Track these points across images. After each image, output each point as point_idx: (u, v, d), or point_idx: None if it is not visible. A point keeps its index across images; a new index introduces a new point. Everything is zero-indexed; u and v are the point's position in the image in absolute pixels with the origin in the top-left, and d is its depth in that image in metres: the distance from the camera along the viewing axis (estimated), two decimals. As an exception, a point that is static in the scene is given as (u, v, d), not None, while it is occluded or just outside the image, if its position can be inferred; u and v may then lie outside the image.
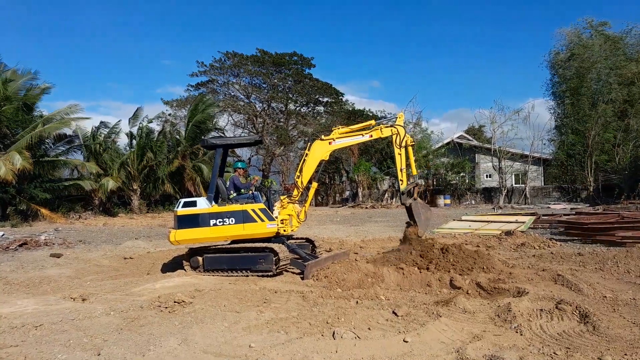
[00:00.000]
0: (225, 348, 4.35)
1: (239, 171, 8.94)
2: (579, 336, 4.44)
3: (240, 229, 8.06)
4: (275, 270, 7.72)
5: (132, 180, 26.61)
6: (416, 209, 8.25)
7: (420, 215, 8.23)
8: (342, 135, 8.64)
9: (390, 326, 4.80)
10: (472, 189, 38.09)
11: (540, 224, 15.82)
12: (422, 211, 8.30)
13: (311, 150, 8.61)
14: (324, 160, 8.69)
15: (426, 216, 8.35)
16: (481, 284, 6.61)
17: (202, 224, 8.09)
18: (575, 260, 8.72)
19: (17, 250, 12.14)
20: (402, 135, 8.33)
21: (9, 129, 22.12)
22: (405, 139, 8.32)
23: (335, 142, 8.62)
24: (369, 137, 8.69)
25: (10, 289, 7.41)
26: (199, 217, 8.13)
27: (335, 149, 8.74)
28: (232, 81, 41.68)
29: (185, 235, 8.14)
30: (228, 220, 8.06)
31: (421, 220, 8.21)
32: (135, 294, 6.78)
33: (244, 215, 8.05)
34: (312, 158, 8.60)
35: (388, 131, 8.47)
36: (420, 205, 8.38)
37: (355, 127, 8.84)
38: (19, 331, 4.90)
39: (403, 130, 8.40)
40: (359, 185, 38.17)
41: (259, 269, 7.80)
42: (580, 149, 34.56)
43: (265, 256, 7.79)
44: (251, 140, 9.93)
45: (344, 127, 8.87)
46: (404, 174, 8.37)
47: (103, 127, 28.07)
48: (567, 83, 37.12)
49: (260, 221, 8.03)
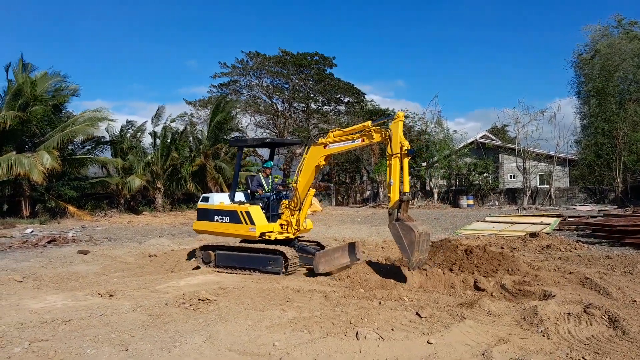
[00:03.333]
0: (249, 346, 4.39)
1: (267, 171, 9.32)
2: (608, 341, 4.34)
3: (231, 228, 8.52)
4: (284, 272, 7.89)
5: (156, 178, 27.03)
6: (396, 234, 6.82)
7: (402, 241, 6.75)
8: (336, 139, 7.83)
9: (414, 327, 4.77)
10: (496, 189, 37.50)
11: (566, 226, 15.50)
12: (403, 234, 6.73)
13: (308, 154, 8.14)
14: (320, 166, 8.15)
15: (410, 240, 6.67)
16: (506, 286, 6.52)
17: (210, 219, 8.84)
18: (604, 263, 8.51)
19: (45, 247, 12.47)
20: (395, 140, 6.97)
21: (39, 129, 22.74)
22: (401, 145, 6.92)
23: (329, 146, 7.88)
24: (361, 142, 7.54)
25: (40, 285, 7.60)
26: (208, 212, 8.92)
27: (330, 153, 8.00)
28: (254, 82, 41.96)
29: (199, 226, 9.10)
30: (224, 219, 8.63)
31: (404, 247, 6.74)
32: (161, 291, 6.90)
33: (234, 216, 8.49)
34: (307, 162, 8.13)
35: (378, 136, 7.26)
36: (401, 227, 6.77)
37: (349, 130, 7.83)
38: (49, 326, 5.03)
39: (397, 133, 6.98)
40: (380, 185, 37.97)
41: (269, 270, 8.02)
42: (608, 149, 33.72)
43: (276, 259, 7.99)
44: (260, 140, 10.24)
45: (339, 130, 7.96)
46: (393, 188, 6.94)
47: (130, 127, 28.61)
48: (592, 82, 36.29)
49: (244, 223, 8.33)
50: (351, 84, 42.99)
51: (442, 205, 34.96)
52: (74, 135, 22.51)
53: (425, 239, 6.91)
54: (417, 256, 6.78)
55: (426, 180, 39.24)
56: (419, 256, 6.81)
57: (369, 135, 7.37)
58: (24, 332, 4.81)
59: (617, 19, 36.66)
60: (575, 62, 38.23)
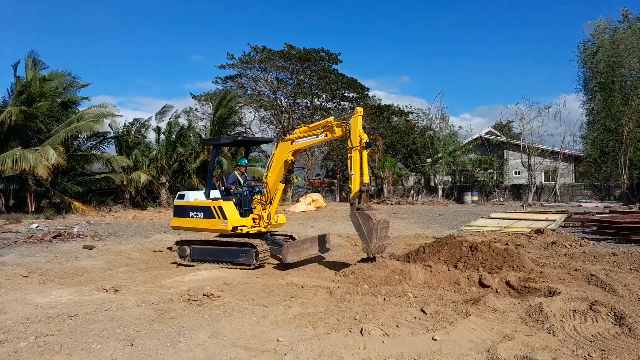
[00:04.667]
0: (254, 342, 4.39)
1: (241, 168, 9.59)
2: (614, 338, 4.32)
3: (205, 223, 8.84)
4: (255, 264, 8.12)
5: (161, 174, 27.09)
6: (355, 223, 7.25)
7: (361, 229, 7.19)
8: (302, 134, 8.21)
9: (419, 324, 4.76)
10: (501, 186, 37.34)
11: (571, 223, 15.45)
12: (362, 222, 7.16)
13: (277, 150, 8.50)
14: (289, 161, 8.47)
15: (369, 228, 7.09)
16: (511, 282, 6.49)
17: (185, 215, 9.18)
18: (609, 260, 8.47)
19: (51, 242, 12.52)
20: (354, 134, 7.36)
21: (44, 125, 22.83)
22: (360, 138, 7.31)
23: (296, 141, 8.27)
24: (324, 137, 7.92)
25: (46, 280, 7.64)
26: (184, 209, 9.30)
27: (297, 149, 8.38)
28: (259, 76, 41.89)
29: (176, 222, 9.46)
30: (199, 214, 8.95)
31: (363, 234, 7.16)
32: (165, 286, 6.93)
33: (208, 211, 8.80)
34: (276, 158, 8.46)
35: (339, 131, 7.66)
36: (360, 216, 7.20)
37: (313, 126, 8.19)
38: (55, 321, 5.06)
39: (356, 128, 7.38)
40: (384, 182, 37.91)
41: (240, 262, 8.29)
42: (613, 146, 33.50)
43: (247, 251, 8.24)
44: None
45: (305, 126, 8.37)
46: (354, 180, 7.34)
47: (136, 123, 28.68)
48: (597, 77, 36.01)
49: (218, 218, 8.64)
50: (355, 80, 42.87)
51: (447, 201, 34.88)
52: (78, 131, 22.61)
53: (383, 226, 7.36)
54: (376, 243, 7.21)
55: (430, 176, 39.15)
56: (377, 243, 7.24)
57: (331, 130, 7.77)
58: (29, 327, 4.84)
59: (624, 13, 36.24)
60: (581, 57, 37.91)
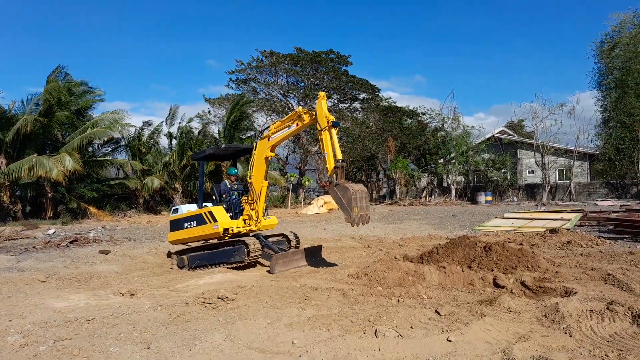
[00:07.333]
0: (268, 344, 4.42)
1: (231, 177, 9.81)
2: (632, 338, 4.26)
3: (199, 230, 9.05)
4: (247, 261, 8.31)
5: (174, 179, 27.31)
6: (335, 197, 7.40)
7: (341, 201, 7.28)
8: (277, 129, 8.48)
9: (433, 325, 4.75)
10: (514, 185, 36.98)
11: (587, 222, 15.24)
12: (341, 195, 7.27)
13: (257, 149, 8.73)
14: (268, 157, 8.73)
15: (348, 198, 7.16)
16: (526, 283, 6.43)
17: (180, 227, 9.42)
18: (626, 259, 8.34)
19: (68, 247, 12.71)
20: (320, 116, 7.58)
21: (60, 133, 23.22)
22: (326, 119, 7.50)
23: (272, 137, 8.53)
24: (296, 127, 8.20)
25: (63, 284, 7.75)
26: (178, 221, 9.52)
27: (274, 144, 8.60)
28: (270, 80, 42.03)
29: (173, 236, 9.69)
30: (192, 223, 9.17)
31: (344, 206, 7.23)
32: (180, 290, 6.99)
33: (200, 218, 9.04)
34: (257, 157, 8.70)
35: (307, 117, 7.94)
36: (338, 189, 7.33)
37: (285, 119, 8.48)
38: (73, 325, 5.13)
39: (321, 111, 7.60)
40: (397, 183, 37.78)
41: (233, 261, 8.54)
42: (629, 143, 33.00)
43: (238, 248, 8.48)
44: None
45: (278, 121, 8.62)
46: (328, 159, 7.52)
47: (147, 127, 28.94)
48: (613, 73, 35.49)
49: (209, 222, 8.84)
50: (366, 80, 42.81)
51: (460, 201, 34.64)
52: (93, 137, 22.94)
53: (362, 195, 7.30)
54: (358, 212, 7.15)
55: (443, 176, 38.92)
56: (359, 212, 7.18)
57: (300, 119, 8.04)
58: (48, 331, 4.92)
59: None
60: (597, 52, 37.38)
